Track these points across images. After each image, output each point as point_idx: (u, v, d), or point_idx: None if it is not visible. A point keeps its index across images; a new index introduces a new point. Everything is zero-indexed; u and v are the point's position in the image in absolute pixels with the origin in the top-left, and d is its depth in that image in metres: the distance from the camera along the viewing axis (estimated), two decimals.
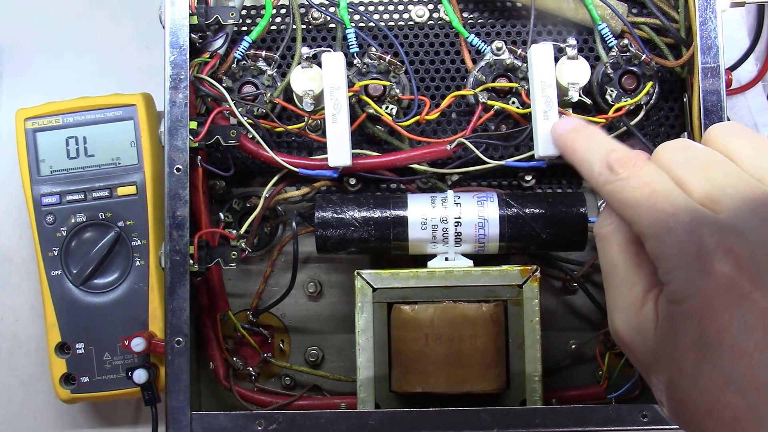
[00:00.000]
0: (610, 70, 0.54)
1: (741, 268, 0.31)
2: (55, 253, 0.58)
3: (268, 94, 0.54)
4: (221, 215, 0.55)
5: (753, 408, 0.31)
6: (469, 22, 0.56)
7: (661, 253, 0.34)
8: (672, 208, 0.33)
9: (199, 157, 0.52)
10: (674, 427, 0.50)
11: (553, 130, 0.44)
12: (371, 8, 0.57)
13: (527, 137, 0.52)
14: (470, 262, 0.51)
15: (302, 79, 0.51)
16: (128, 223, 0.58)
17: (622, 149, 0.37)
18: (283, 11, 0.57)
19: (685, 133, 0.53)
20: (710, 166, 0.35)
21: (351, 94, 0.51)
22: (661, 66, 0.54)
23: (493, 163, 0.53)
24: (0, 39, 0.66)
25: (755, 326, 0.31)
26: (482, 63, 0.54)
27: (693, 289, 0.32)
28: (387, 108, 0.54)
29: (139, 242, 0.57)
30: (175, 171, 0.50)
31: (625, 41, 0.53)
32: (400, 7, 0.57)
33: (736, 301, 0.31)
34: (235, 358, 0.55)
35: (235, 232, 0.52)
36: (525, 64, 0.53)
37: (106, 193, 0.58)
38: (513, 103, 0.54)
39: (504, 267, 0.51)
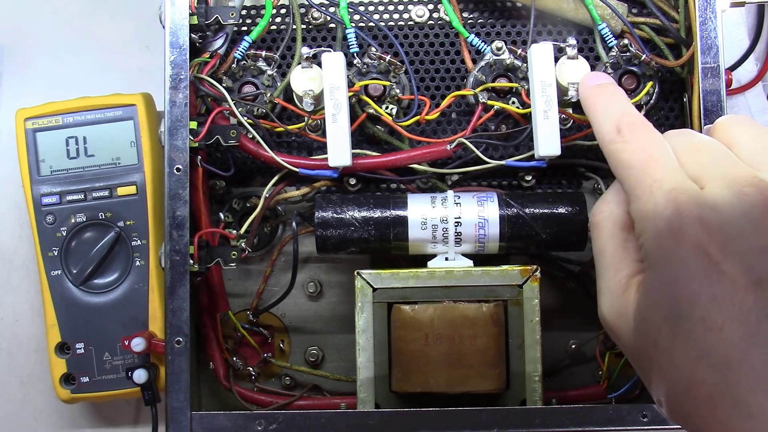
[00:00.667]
0: (610, 70, 0.54)
1: (711, 236, 0.32)
2: (55, 253, 0.58)
3: (268, 94, 0.54)
4: (221, 215, 0.55)
5: (725, 385, 0.31)
6: (469, 22, 0.56)
7: (639, 213, 0.35)
8: (660, 174, 0.35)
9: (199, 157, 0.52)
10: (674, 427, 0.50)
11: (581, 82, 0.45)
12: (371, 8, 0.57)
13: (527, 137, 0.52)
14: (470, 262, 0.51)
15: (302, 79, 0.51)
16: (128, 223, 0.58)
17: (636, 115, 0.39)
18: (283, 11, 0.57)
19: None
20: (702, 149, 0.36)
21: (351, 94, 0.51)
22: (661, 66, 0.54)
23: (493, 163, 0.53)
24: (0, 39, 0.66)
25: (724, 299, 0.31)
26: (482, 63, 0.54)
27: (664, 252, 0.33)
28: (387, 108, 0.54)
29: (139, 242, 0.57)
30: (175, 171, 0.50)
31: (625, 41, 0.53)
32: (400, 7, 0.57)
33: (705, 271, 0.32)
34: (235, 358, 0.55)
35: (235, 232, 0.52)
36: (525, 64, 0.53)
37: (106, 193, 0.58)
38: (513, 103, 0.54)
39: (504, 267, 0.51)
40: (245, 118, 0.52)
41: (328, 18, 0.56)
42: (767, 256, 0.31)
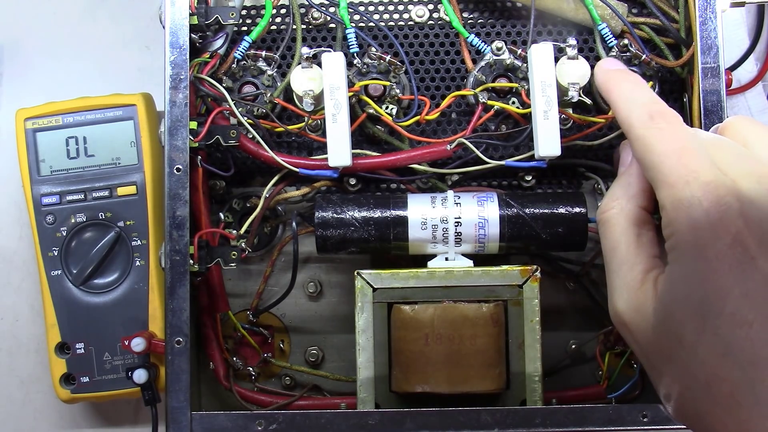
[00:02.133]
0: None
1: (750, 229, 0.31)
2: (55, 253, 0.58)
3: (268, 94, 0.54)
4: (221, 215, 0.55)
5: (750, 383, 0.30)
6: (469, 22, 0.56)
7: (672, 201, 0.34)
8: (696, 166, 0.34)
9: (199, 157, 0.52)
10: (674, 427, 0.50)
11: (598, 66, 0.45)
12: (371, 8, 0.57)
13: (527, 137, 0.52)
14: (470, 262, 0.51)
15: (302, 79, 0.51)
16: (128, 223, 0.58)
17: (665, 105, 0.38)
18: (283, 11, 0.57)
19: None
20: (722, 147, 0.36)
21: (351, 94, 0.51)
22: (661, 66, 0.54)
23: (493, 163, 0.53)
24: (0, 39, 0.66)
25: (756, 294, 0.31)
26: (482, 63, 0.54)
27: (698, 243, 0.32)
28: (387, 108, 0.54)
29: (139, 242, 0.57)
30: (175, 171, 0.50)
31: (625, 41, 0.53)
32: (400, 7, 0.57)
33: (740, 265, 0.31)
34: (235, 358, 0.55)
35: (235, 232, 0.52)
36: (525, 64, 0.53)
37: (106, 193, 0.58)
38: (513, 103, 0.54)
39: (504, 267, 0.51)
40: (245, 118, 0.52)
41: (328, 18, 0.56)
42: None
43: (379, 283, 0.50)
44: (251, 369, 0.56)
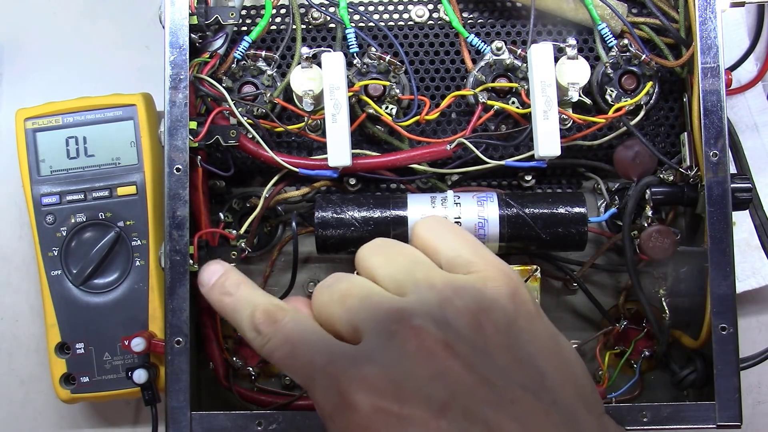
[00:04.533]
0: (610, 70, 0.54)
1: (380, 392, 0.31)
2: (55, 253, 0.58)
3: (268, 94, 0.54)
4: (221, 215, 0.55)
5: None
6: (469, 22, 0.56)
7: (315, 401, 0.33)
8: (310, 356, 0.33)
9: (199, 157, 0.52)
10: (674, 427, 0.50)
11: (198, 279, 0.42)
12: (371, 8, 0.57)
13: (527, 137, 0.52)
14: None
15: (302, 79, 0.51)
16: (128, 223, 0.58)
17: (263, 306, 0.37)
18: (283, 11, 0.57)
19: (685, 133, 0.53)
20: (347, 295, 0.35)
21: (351, 94, 0.51)
22: (661, 66, 0.54)
23: (493, 163, 0.53)
24: (0, 39, 0.66)
25: None
26: (482, 63, 0.54)
27: (347, 429, 0.32)
28: (387, 108, 0.54)
29: (139, 242, 0.57)
30: (175, 171, 0.50)
31: (625, 41, 0.53)
32: (400, 7, 0.57)
33: (390, 425, 0.31)
34: (235, 358, 0.55)
35: (235, 232, 0.52)
36: (525, 64, 0.53)
37: (106, 193, 0.58)
38: (513, 103, 0.54)
39: None
40: (245, 118, 0.52)
41: (328, 18, 0.56)
42: (438, 380, 0.31)
43: None
44: (251, 369, 0.56)
